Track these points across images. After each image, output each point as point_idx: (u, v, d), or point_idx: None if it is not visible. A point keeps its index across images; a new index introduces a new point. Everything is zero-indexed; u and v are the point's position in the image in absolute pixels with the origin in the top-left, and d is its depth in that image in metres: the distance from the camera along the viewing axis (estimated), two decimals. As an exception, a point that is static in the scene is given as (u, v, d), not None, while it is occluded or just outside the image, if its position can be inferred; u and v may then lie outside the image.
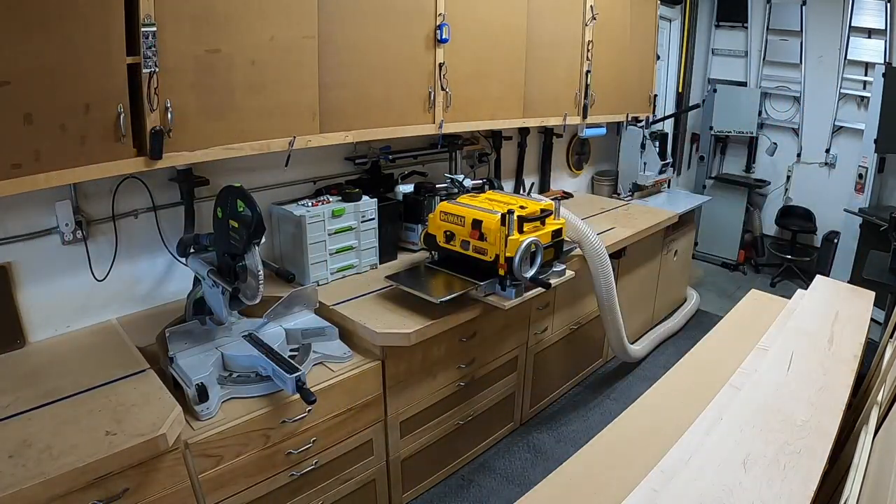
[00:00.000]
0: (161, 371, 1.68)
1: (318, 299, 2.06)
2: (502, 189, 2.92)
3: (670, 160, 4.36)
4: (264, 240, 1.70)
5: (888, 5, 4.13)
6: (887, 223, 3.41)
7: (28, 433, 1.33)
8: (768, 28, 4.77)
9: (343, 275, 2.32)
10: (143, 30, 1.52)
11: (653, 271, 3.63)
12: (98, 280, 1.89)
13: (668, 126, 4.58)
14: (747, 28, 4.88)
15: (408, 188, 2.62)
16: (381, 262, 2.44)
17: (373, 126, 2.20)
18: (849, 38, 4.36)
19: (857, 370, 1.77)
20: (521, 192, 3.46)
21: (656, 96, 4.12)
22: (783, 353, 1.84)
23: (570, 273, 2.33)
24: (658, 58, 4.02)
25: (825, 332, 2.01)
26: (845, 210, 4.20)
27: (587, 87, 3.24)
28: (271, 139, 1.89)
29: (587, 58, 3.18)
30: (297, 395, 1.64)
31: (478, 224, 2.07)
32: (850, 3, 4.28)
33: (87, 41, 1.44)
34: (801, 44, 4.63)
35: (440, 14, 2.30)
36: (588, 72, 3.21)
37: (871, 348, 2.18)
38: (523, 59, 2.78)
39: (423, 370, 2.15)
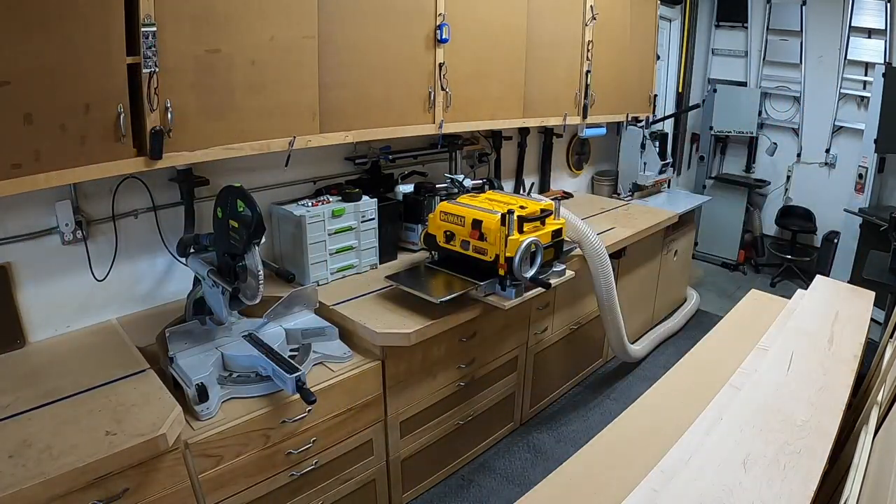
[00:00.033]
0: (161, 371, 1.68)
1: (318, 299, 2.06)
2: (502, 189, 2.92)
3: (670, 160, 4.36)
4: (264, 240, 1.70)
5: (888, 5, 4.13)
6: (887, 223, 3.41)
7: (28, 433, 1.33)
8: (768, 28, 4.77)
9: (343, 275, 2.32)
10: (143, 30, 1.52)
11: (653, 271, 3.63)
12: (98, 280, 1.89)
13: (668, 126, 4.58)
14: (747, 28, 4.88)
15: (408, 188, 2.62)
16: (381, 262, 2.44)
17: (373, 126, 2.20)
18: (849, 38, 4.36)
19: (857, 370, 1.77)
20: (521, 192, 3.46)
21: (656, 96, 4.12)
22: (783, 353, 1.84)
23: (570, 273, 2.33)
24: (658, 58, 4.02)
25: (825, 332, 2.01)
26: (845, 210, 4.20)
27: (587, 87, 3.24)
28: (271, 139, 1.89)
29: (587, 58, 3.19)
30: (297, 395, 1.64)
31: (478, 224, 2.07)
32: (850, 3, 4.28)
33: (87, 41, 1.44)
34: (801, 44, 4.63)
35: (440, 14, 2.30)
36: (588, 72, 3.21)
37: (871, 348, 2.18)
38: (523, 59, 2.78)
39: (423, 370, 2.15)
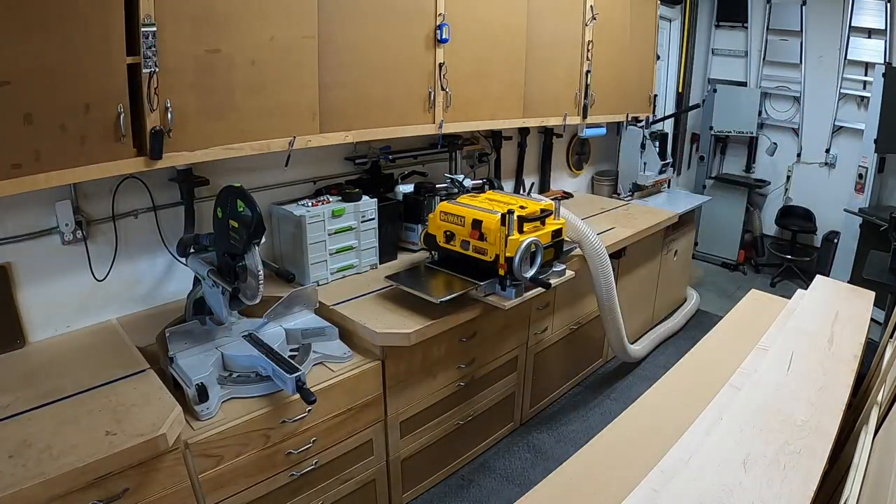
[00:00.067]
0: (161, 371, 1.68)
1: (318, 299, 2.06)
2: (502, 189, 2.92)
3: (670, 160, 4.36)
4: (264, 240, 1.70)
5: (888, 5, 4.13)
6: (887, 223, 3.41)
7: (28, 433, 1.33)
8: (768, 28, 4.77)
9: (343, 275, 2.32)
10: (143, 30, 1.52)
11: (653, 271, 3.63)
12: (98, 280, 1.89)
13: (668, 126, 4.58)
14: (747, 28, 4.88)
15: (408, 188, 2.62)
16: (381, 262, 2.44)
17: (373, 126, 2.20)
18: (849, 38, 4.36)
19: (857, 370, 1.77)
20: (521, 192, 3.46)
21: (656, 96, 4.12)
22: (783, 353, 1.84)
23: (570, 273, 2.33)
24: (658, 58, 4.02)
25: (825, 332, 2.01)
26: (845, 210, 4.20)
27: (587, 87, 3.24)
28: (271, 139, 1.89)
29: (587, 58, 3.19)
30: (297, 395, 1.64)
31: (478, 224, 2.07)
32: (850, 3, 4.28)
33: (87, 41, 1.44)
34: (801, 44, 4.63)
35: (440, 14, 2.30)
36: (588, 72, 3.21)
37: (871, 348, 2.18)
38: (523, 59, 2.78)
39: (423, 370, 2.15)
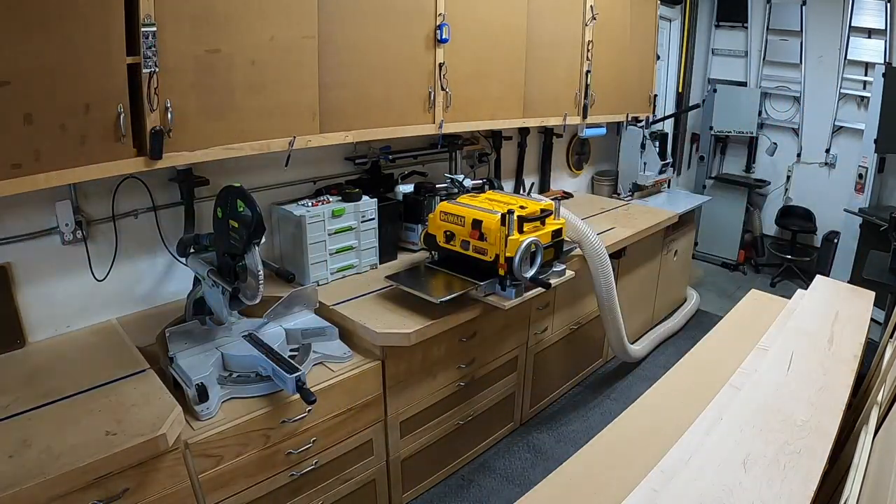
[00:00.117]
0: (161, 371, 1.68)
1: (318, 299, 2.06)
2: (502, 189, 2.92)
3: (670, 160, 4.36)
4: (264, 240, 1.70)
5: (888, 5, 4.13)
6: (887, 223, 3.41)
7: (28, 433, 1.33)
8: (768, 28, 4.77)
9: (343, 275, 2.32)
10: (143, 30, 1.52)
11: (653, 271, 3.63)
12: (98, 280, 1.89)
13: (668, 126, 4.58)
14: (747, 28, 4.88)
15: (408, 188, 2.62)
16: (381, 262, 2.44)
17: (373, 126, 2.20)
18: (849, 38, 4.36)
19: (857, 370, 1.77)
20: (521, 192, 3.46)
21: (656, 96, 4.12)
22: (783, 353, 1.84)
23: (570, 273, 2.33)
24: (658, 58, 4.02)
25: (825, 332, 2.01)
26: (845, 210, 4.20)
27: (587, 87, 3.24)
28: (271, 139, 1.89)
29: (587, 58, 3.18)
30: (297, 395, 1.64)
31: (478, 224, 2.07)
32: (850, 3, 4.28)
33: (87, 41, 1.44)
34: (801, 44, 4.63)
35: (440, 14, 2.30)
36: (588, 72, 3.21)
37: (871, 348, 2.18)
38: (523, 59, 2.78)
39: (423, 370, 2.15)
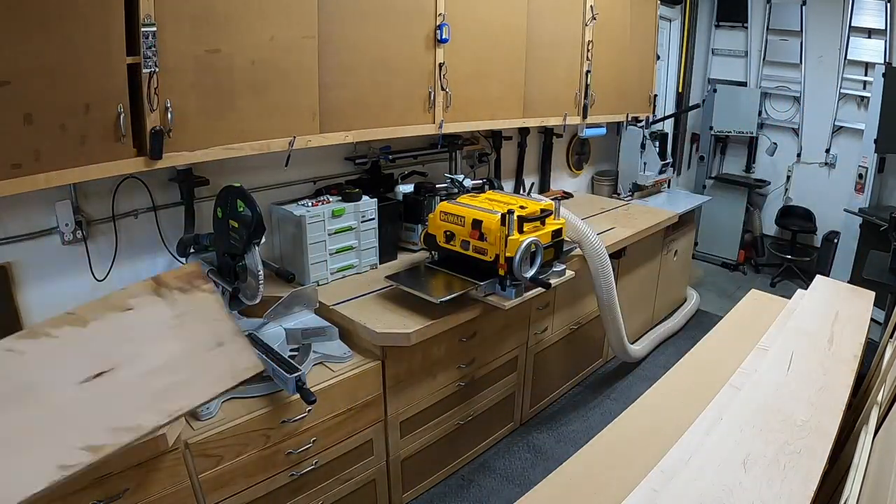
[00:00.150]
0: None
1: (318, 299, 2.06)
2: (502, 189, 2.92)
3: (670, 160, 4.36)
4: (264, 240, 1.70)
5: (888, 5, 4.13)
6: (887, 223, 3.41)
7: (28, 433, 1.33)
8: (768, 28, 4.77)
9: (343, 275, 2.32)
10: (143, 30, 1.52)
11: (653, 271, 3.63)
12: (98, 280, 1.89)
13: (668, 126, 4.58)
14: (747, 28, 4.88)
15: (408, 188, 2.61)
16: (381, 262, 2.44)
17: (373, 126, 2.20)
18: (849, 38, 4.36)
19: (857, 370, 1.77)
20: (521, 192, 3.46)
21: (656, 96, 4.12)
22: (783, 353, 1.83)
23: (570, 273, 2.33)
24: (658, 58, 4.02)
25: (825, 332, 2.01)
26: (845, 210, 4.20)
27: (587, 87, 3.24)
28: (271, 139, 1.89)
29: (587, 58, 3.18)
30: (297, 395, 1.64)
31: (478, 224, 2.07)
32: (850, 3, 4.28)
33: (87, 41, 1.44)
34: (801, 44, 4.63)
35: (440, 14, 2.30)
36: (588, 72, 3.21)
37: (871, 348, 2.18)
38: (523, 59, 2.78)
39: (423, 370, 2.15)
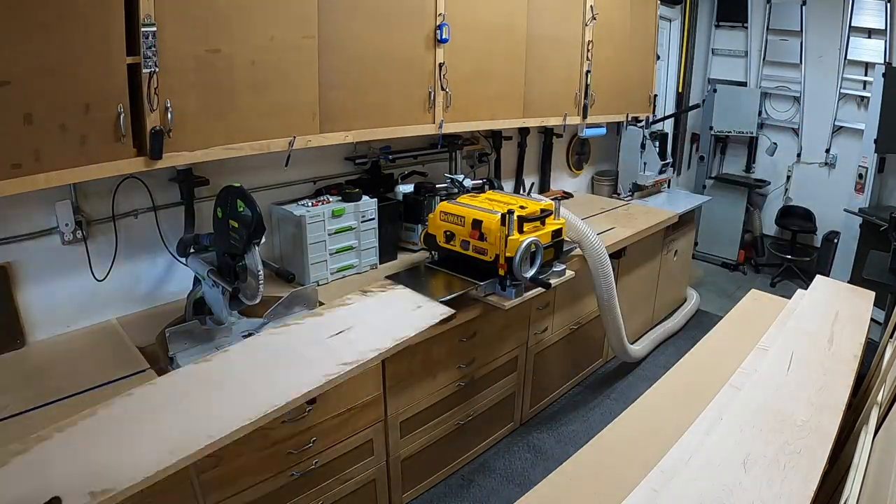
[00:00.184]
0: (161, 371, 1.67)
1: (318, 299, 2.06)
2: (502, 189, 2.92)
3: (670, 160, 4.36)
4: (264, 240, 1.70)
5: (888, 5, 4.13)
6: (887, 223, 3.41)
7: (28, 433, 1.33)
8: (768, 28, 4.77)
9: (343, 275, 2.32)
10: (143, 30, 1.52)
11: (653, 271, 3.63)
12: (98, 280, 1.89)
13: (668, 126, 4.58)
14: (747, 28, 4.88)
15: (408, 188, 2.62)
16: (381, 262, 2.44)
17: (373, 126, 2.20)
18: (849, 38, 4.36)
19: (857, 370, 1.77)
20: (521, 192, 3.46)
21: (656, 96, 4.12)
22: (783, 353, 1.84)
23: (570, 273, 2.33)
24: (658, 58, 4.02)
25: (825, 332, 2.01)
26: (845, 210, 4.20)
27: (587, 87, 3.24)
28: (271, 139, 1.89)
29: (587, 58, 3.18)
30: (297, 395, 1.64)
31: (478, 224, 2.07)
32: (850, 3, 4.28)
33: (87, 41, 1.44)
34: (801, 44, 4.63)
35: (440, 14, 2.30)
36: (588, 72, 3.21)
37: (871, 348, 2.18)
38: (523, 59, 2.78)
39: (423, 370, 2.14)
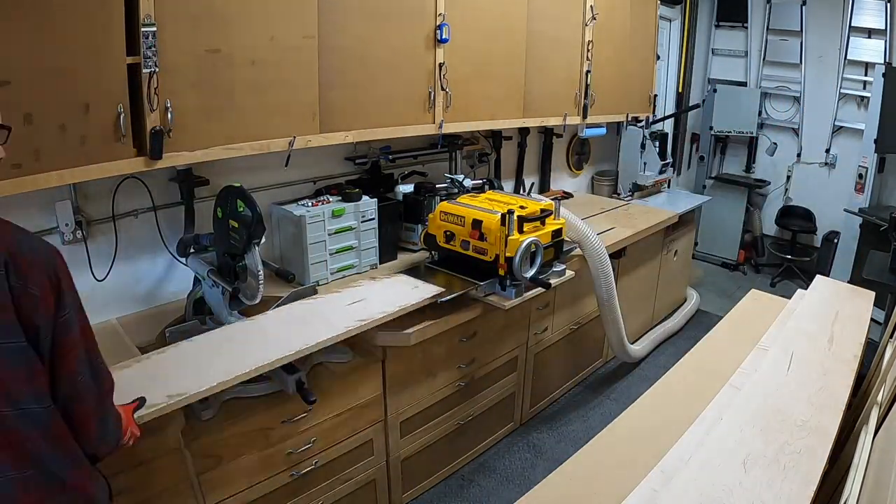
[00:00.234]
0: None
1: (318, 299, 2.06)
2: (502, 189, 2.92)
3: (670, 160, 4.36)
4: (264, 240, 1.70)
5: (888, 5, 4.13)
6: (887, 223, 3.41)
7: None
8: (768, 28, 4.76)
9: (343, 275, 2.32)
10: (143, 30, 1.52)
11: (653, 271, 3.63)
12: (98, 280, 1.89)
13: (668, 126, 4.58)
14: (747, 28, 4.88)
15: (408, 188, 2.61)
16: (381, 262, 2.43)
17: (373, 126, 2.20)
18: (849, 38, 4.36)
19: (857, 370, 1.77)
20: (521, 192, 3.46)
21: (656, 96, 4.12)
22: (783, 353, 1.84)
23: (570, 273, 2.33)
24: (658, 58, 4.02)
25: (825, 332, 2.01)
26: (845, 210, 4.20)
27: (587, 87, 3.24)
28: (271, 139, 1.89)
29: (587, 58, 3.18)
30: (297, 395, 1.64)
31: (478, 224, 2.07)
32: (850, 3, 4.28)
33: (87, 41, 1.44)
34: (801, 44, 4.63)
35: (440, 14, 2.30)
36: (588, 72, 3.21)
37: (871, 348, 2.18)
38: (523, 59, 2.78)
39: (423, 370, 2.15)
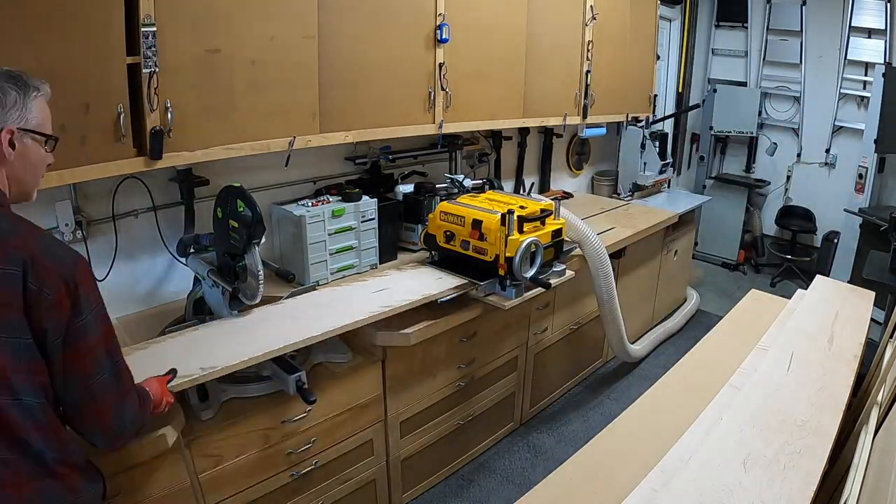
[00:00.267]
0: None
1: (318, 299, 2.06)
2: (502, 189, 2.92)
3: (670, 160, 4.35)
4: (264, 240, 1.70)
5: (888, 5, 4.13)
6: (887, 223, 3.40)
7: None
8: (768, 28, 4.77)
9: (343, 275, 2.31)
10: (143, 30, 1.52)
11: (653, 271, 3.63)
12: (98, 280, 1.88)
13: (668, 126, 4.58)
14: (747, 28, 4.88)
15: (408, 188, 2.61)
16: (381, 262, 2.43)
17: (373, 126, 2.20)
18: (849, 38, 4.36)
19: (857, 370, 1.78)
20: (521, 192, 3.46)
21: (656, 96, 4.12)
22: (783, 353, 1.84)
23: (570, 273, 2.33)
24: (658, 58, 4.02)
25: (825, 332, 2.01)
26: (845, 210, 4.20)
27: (587, 87, 3.24)
28: (271, 139, 1.89)
29: (587, 58, 3.18)
30: (297, 395, 1.64)
31: (478, 224, 2.07)
32: (850, 3, 4.28)
33: (87, 41, 1.44)
34: (801, 44, 4.63)
35: (440, 14, 2.30)
36: (588, 72, 3.21)
37: (871, 348, 2.18)
38: (523, 59, 2.78)
39: (423, 370, 2.15)
